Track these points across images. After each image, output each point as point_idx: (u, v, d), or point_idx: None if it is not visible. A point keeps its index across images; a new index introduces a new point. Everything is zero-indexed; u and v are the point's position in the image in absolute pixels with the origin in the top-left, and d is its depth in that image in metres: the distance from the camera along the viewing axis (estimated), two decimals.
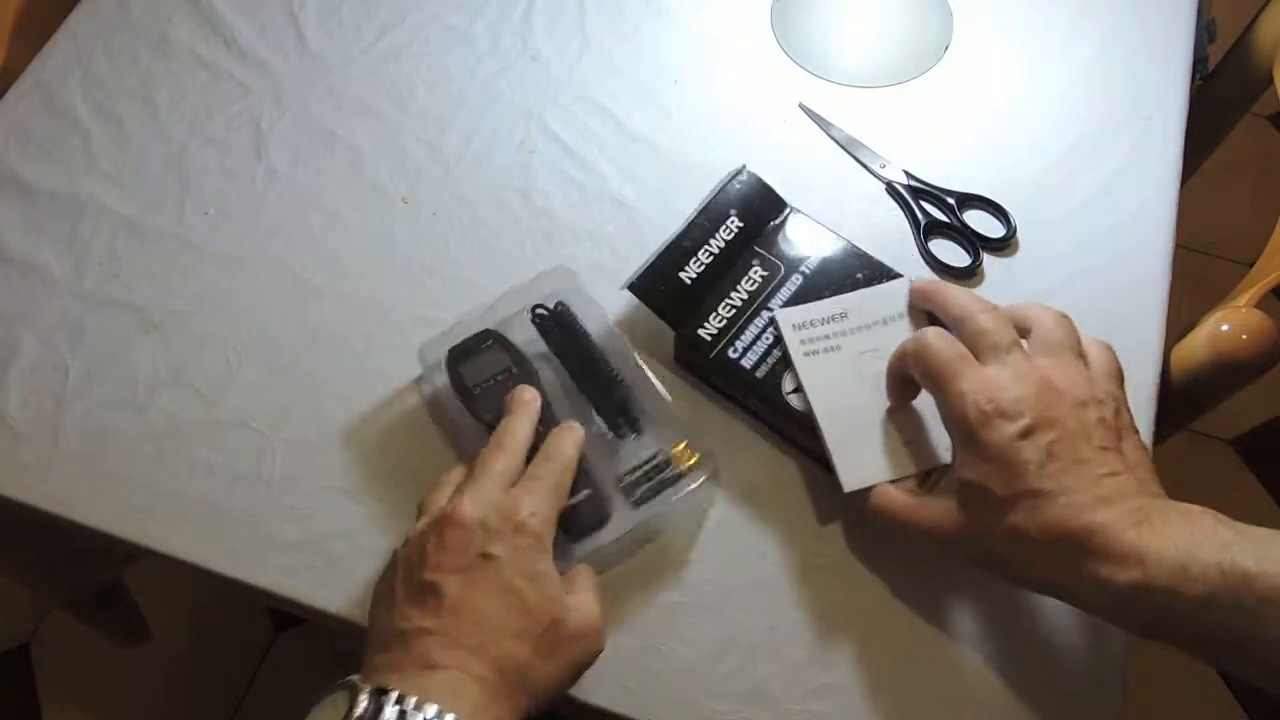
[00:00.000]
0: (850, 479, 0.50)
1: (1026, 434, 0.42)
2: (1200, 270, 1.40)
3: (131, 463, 0.56)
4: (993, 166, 0.65)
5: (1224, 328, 0.57)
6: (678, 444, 0.52)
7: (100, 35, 0.72)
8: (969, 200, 0.63)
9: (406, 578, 0.44)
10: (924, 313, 0.54)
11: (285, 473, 0.56)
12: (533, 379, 0.54)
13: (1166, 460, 0.49)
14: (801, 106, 0.68)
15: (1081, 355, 0.47)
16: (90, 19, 0.73)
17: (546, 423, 0.52)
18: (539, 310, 0.57)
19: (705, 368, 0.57)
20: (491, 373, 0.54)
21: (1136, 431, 0.46)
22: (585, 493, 0.51)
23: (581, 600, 0.46)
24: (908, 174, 0.64)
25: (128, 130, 0.68)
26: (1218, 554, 0.38)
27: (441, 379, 0.55)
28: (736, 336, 0.55)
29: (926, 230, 0.62)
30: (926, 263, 0.61)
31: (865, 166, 0.65)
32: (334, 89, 0.69)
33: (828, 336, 0.54)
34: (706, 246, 0.57)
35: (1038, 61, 0.70)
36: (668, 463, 0.52)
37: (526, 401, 0.51)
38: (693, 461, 0.52)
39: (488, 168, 0.66)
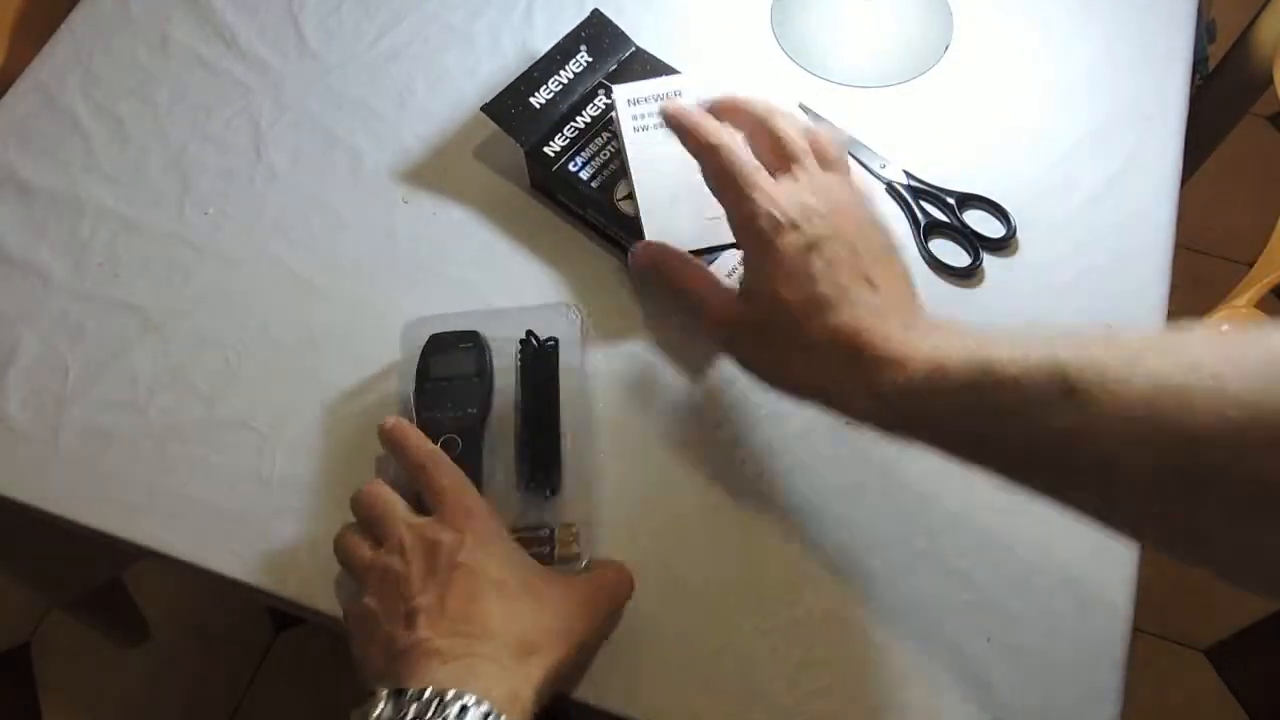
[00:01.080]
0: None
1: (814, 245, 0.45)
2: (1200, 270, 1.40)
3: (131, 463, 0.56)
4: (992, 166, 0.65)
5: (1224, 328, 0.57)
6: (568, 527, 0.51)
7: (100, 35, 0.72)
8: (969, 200, 0.63)
9: (389, 616, 0.44)
10: None
11: (285, 473, 0.56)
12: (484, 397, 0.54)
13: None
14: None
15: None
16: (90, 19, 0.73)
17: (467, 448, 0.52)
18: (532, 338, 0.56)
19: (549, 183, 0.62)
20: (453, 373, 0.54)
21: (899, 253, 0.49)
22: None
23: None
24: (908, 174, 0.64)
25: (127, 130, 0.68)
26: (968, 349, 0.40)
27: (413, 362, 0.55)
28: (578, 153, 0.61)
29: (926, 230, 0.62)
30: (926, 262, 0.61)
31: (865, 166, 0.65)
32: (334, 88, 0.69)
33: (658, 113, 0.58)
34: (556, 76, 0.63)
35: (1038, 61, 0.70)
36: (548, 539, 0.51)
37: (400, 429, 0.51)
38: (571, 548, 0.51)
39: (490, 166, 0.66)
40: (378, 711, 0.39)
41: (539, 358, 0.56)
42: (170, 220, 0.64)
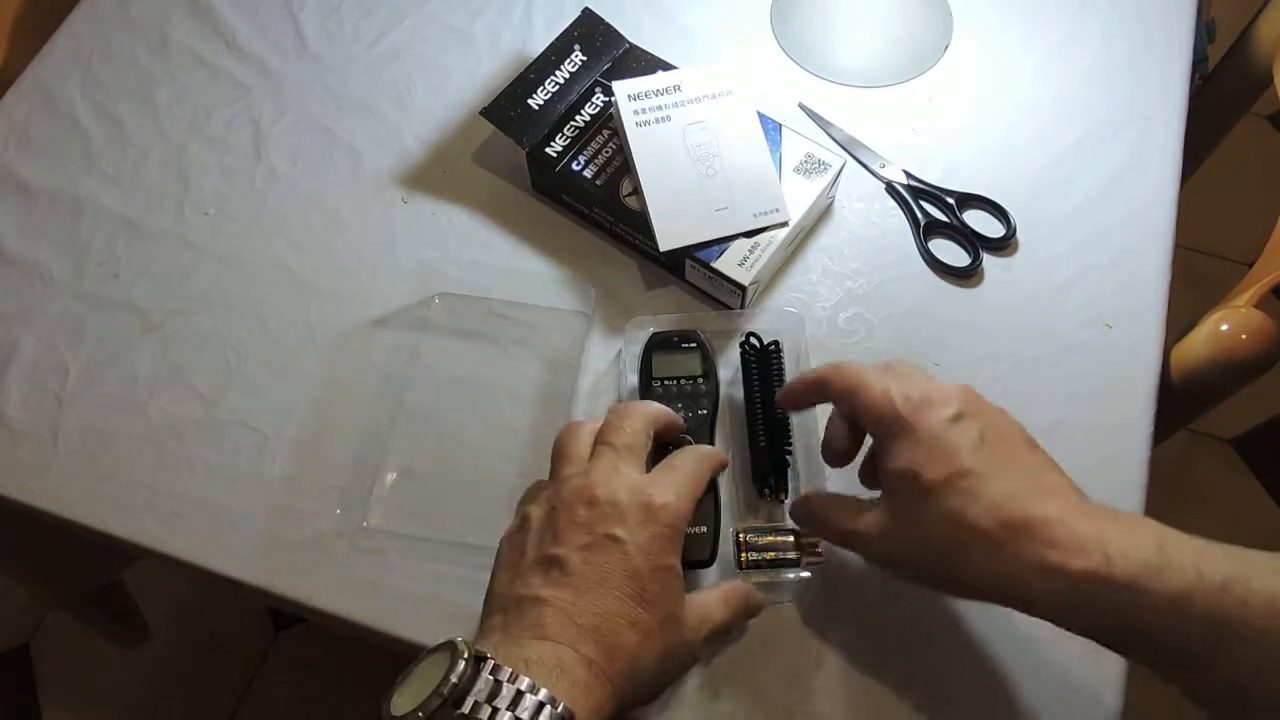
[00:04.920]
0: (667, 240, 0.57)
1: (957, 419, 0.42)
2: (1200, 270, 1.40)
3: (131, 463, 0.56)
4: (992, 166, 0.65)
5: (1224, 327, 0.57)
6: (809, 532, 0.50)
7: (100, 35, 0.72)
8: (969, 200, 0.63)
9: (536, 544, 0.42)
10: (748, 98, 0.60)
11: (285, 473, 0.56)
12: (710, 399, 0.53)
13: (1166, 460, 0.48)
14: (801, 106, 0.68)
15: None
16: (90, 19, 0.73)
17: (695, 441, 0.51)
18: (751, 339, 0.56)
19: (553, 183, 0.62)
20: (678, 373, 0.54)
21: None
22: (700, 528, 0.48)
23: (703, 602, 0.44)
24: (907, 174, 0.64)
25: (127, 130, 0.68)
26: (1193, 556, 0.37)
27: (633, 355, 0.55)
28: (580, 152, 0.61)
29: (926, 230, 0.62)
30: (926, 263, 0.61)
31: (865, 166, 0.65)
32: (334, 89, 0.69)
33: (660, 107, 0.60)
34: (553, 77, 0.63)
35: (1037, 61, 0.70)
36: (794, 543, 0.50)
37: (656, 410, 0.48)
38: (817, 549, 0.49)
39: (488, 168, 0.66)
40: (455, 676, 0.36)
41: (762, 362, 0.55)
42: (170, 220, 0.64)
